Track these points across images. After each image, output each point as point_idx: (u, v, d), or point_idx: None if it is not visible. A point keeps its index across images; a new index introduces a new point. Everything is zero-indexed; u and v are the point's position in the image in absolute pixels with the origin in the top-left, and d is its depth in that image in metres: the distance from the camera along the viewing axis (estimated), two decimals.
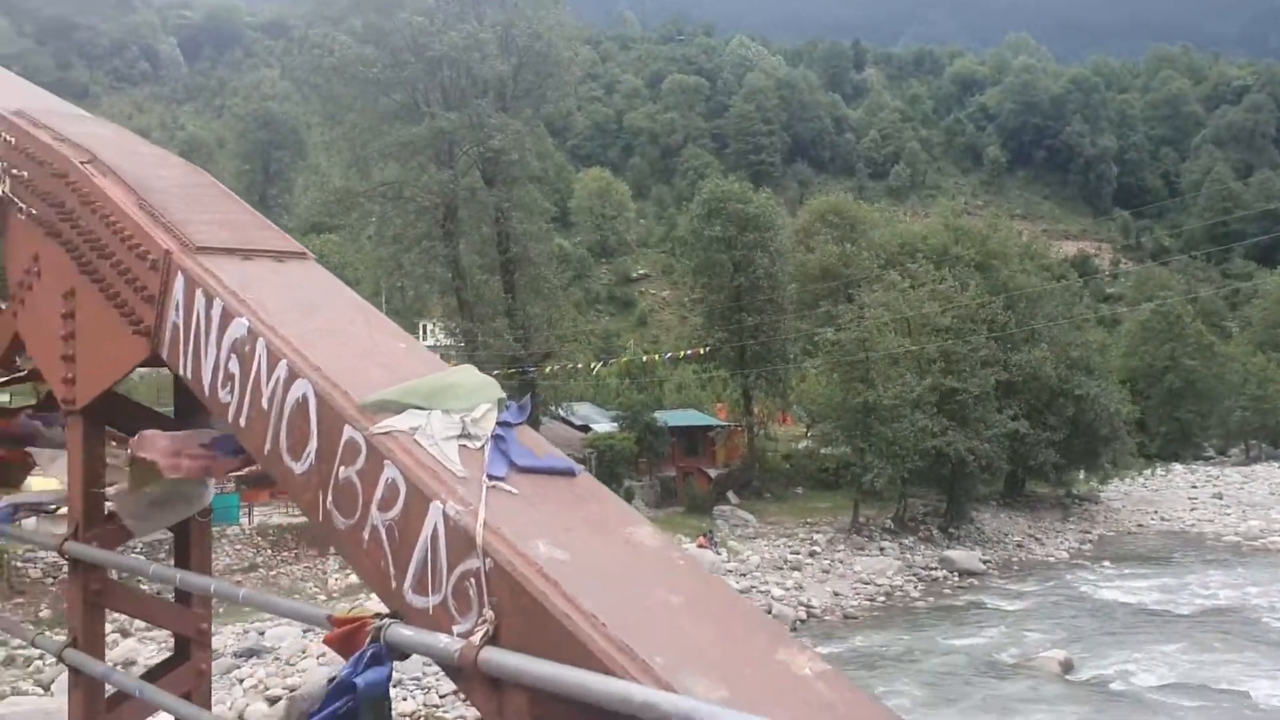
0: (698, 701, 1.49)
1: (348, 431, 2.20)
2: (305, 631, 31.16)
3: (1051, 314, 52.61)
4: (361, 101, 46.28)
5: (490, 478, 2.04)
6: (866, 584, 38.49)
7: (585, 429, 49.51)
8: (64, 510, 3.86)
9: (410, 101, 46.74)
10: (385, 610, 2.10)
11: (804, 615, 33.74)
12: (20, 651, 28.13)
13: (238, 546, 37.31)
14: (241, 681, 27.46)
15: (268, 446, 2.44)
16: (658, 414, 50.51)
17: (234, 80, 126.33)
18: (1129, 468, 62.43)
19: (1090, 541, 50.15)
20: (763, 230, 49.68)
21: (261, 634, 30.88)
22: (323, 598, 36.09)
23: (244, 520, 38.07)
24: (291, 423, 2.36)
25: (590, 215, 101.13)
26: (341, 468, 2.21)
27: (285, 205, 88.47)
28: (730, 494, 47.70)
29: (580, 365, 48.62)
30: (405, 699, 23.68)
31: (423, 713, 23.77)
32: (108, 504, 3.36)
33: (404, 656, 2.03)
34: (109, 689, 3.34)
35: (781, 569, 40.70)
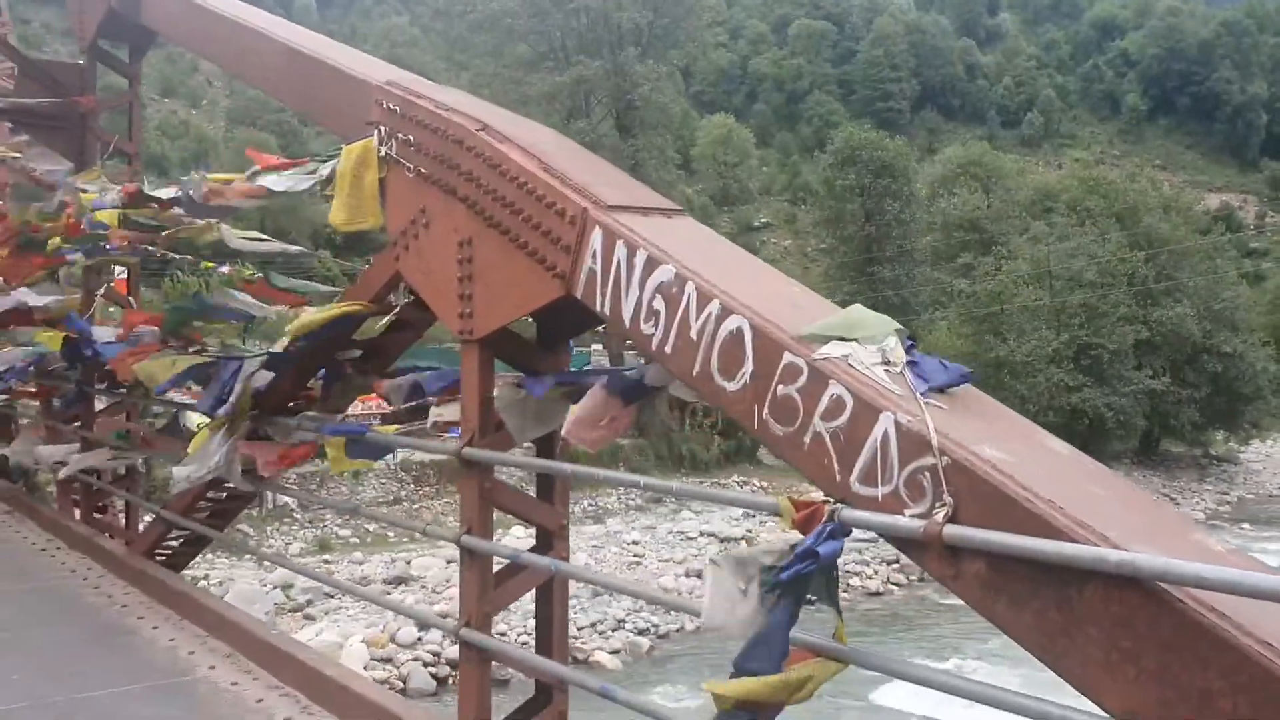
0: (1170, 559, 1.99)
1: (787, 357, 2.75)
2: (449, 563, 32.69)
3: (1195, 269, 51.01)
4: (493, 48, 47.07)
5: (923, 395, 2.56)
6: None
7: None
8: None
9: (547, 50, 47.40)
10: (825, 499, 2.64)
11: None
12: None
13: (383, 480, 38.87)
14: None
15: (696, 369, 3.00)
16: None
17: (364, 27, 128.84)
18: (1271, 429, 60.32)
19: (1229, 503, 48.90)
20: (896, 178, 49.23)
21: (408, 563, 32.42)
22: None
23: (389, 456, 39.75)
24: (724, 350, 2.92)
25: (712, 163, 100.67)
26: (780, 386, 2.76)
27: None
28: None
29: None
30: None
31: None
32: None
33: (848, 532, 2.58)
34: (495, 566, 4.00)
35: None
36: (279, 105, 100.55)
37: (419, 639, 26.64)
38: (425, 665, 24.72)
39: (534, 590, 4.18)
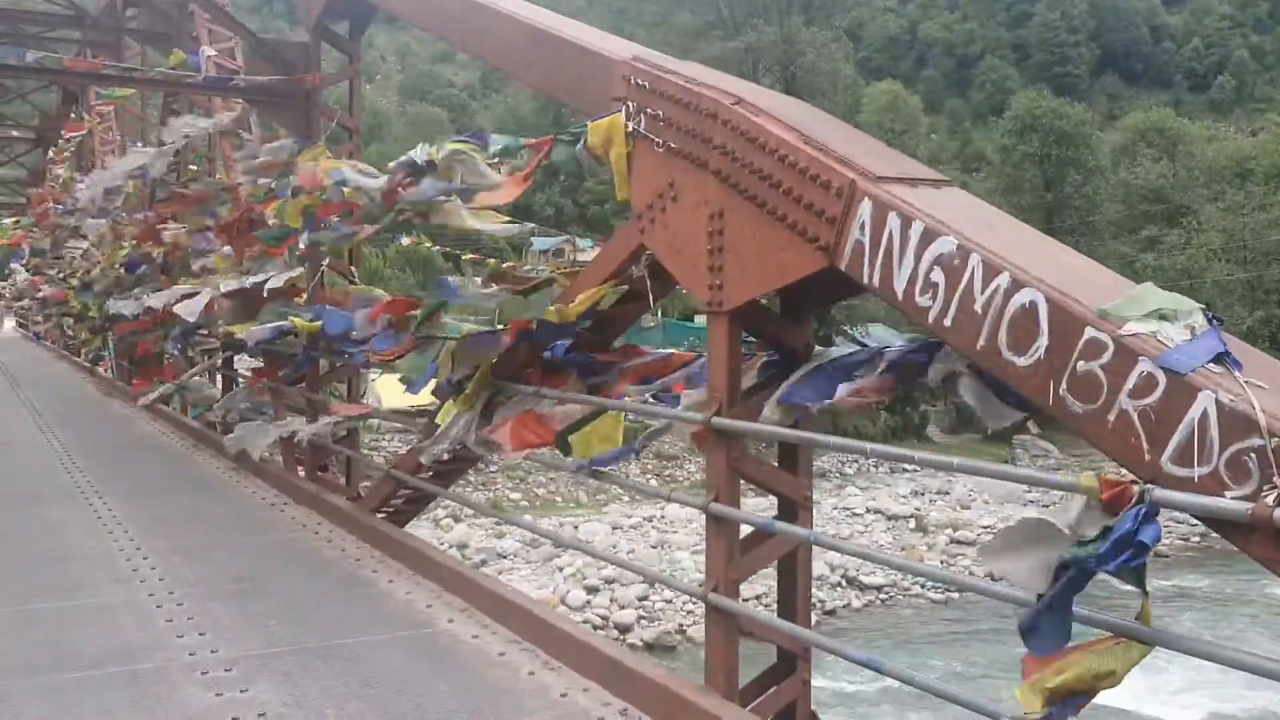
0: None
1: (1090, 332, 2.68)
2: (614, 529, 33.28)
3: None
4: (660, 17, 47.17)
5: (1240, 373, 2.47)
6: (1180, 522, 36.71)
7: None
8: None
9: (715, 19, 47.23)
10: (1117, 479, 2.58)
11: None
12: None
13: (550, 449, 39.47)
14: (562, 569, 29.69)
15: (981, 343, 2.97)
16: None
17: None
18: None
19: None
20: (1078, 147, 47.21)
21: (576, 528, 33.14)
22: (626, 499, 38.21)
23: None
24: (1015, 324, 2.87)
25: (879, 130, 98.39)
26: (1080, 362, 2.70)
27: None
28: (1031, 424, 46.37)
29: None
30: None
31: None
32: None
33: (1158, 513, 2.51)
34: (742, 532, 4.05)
35: None
36: (448, 81, 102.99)
37: (587, 602, 27.30)
38: (595, 628, 25.25)
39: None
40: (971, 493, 40.19)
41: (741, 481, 4.05)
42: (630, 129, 4.39)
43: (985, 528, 35.81)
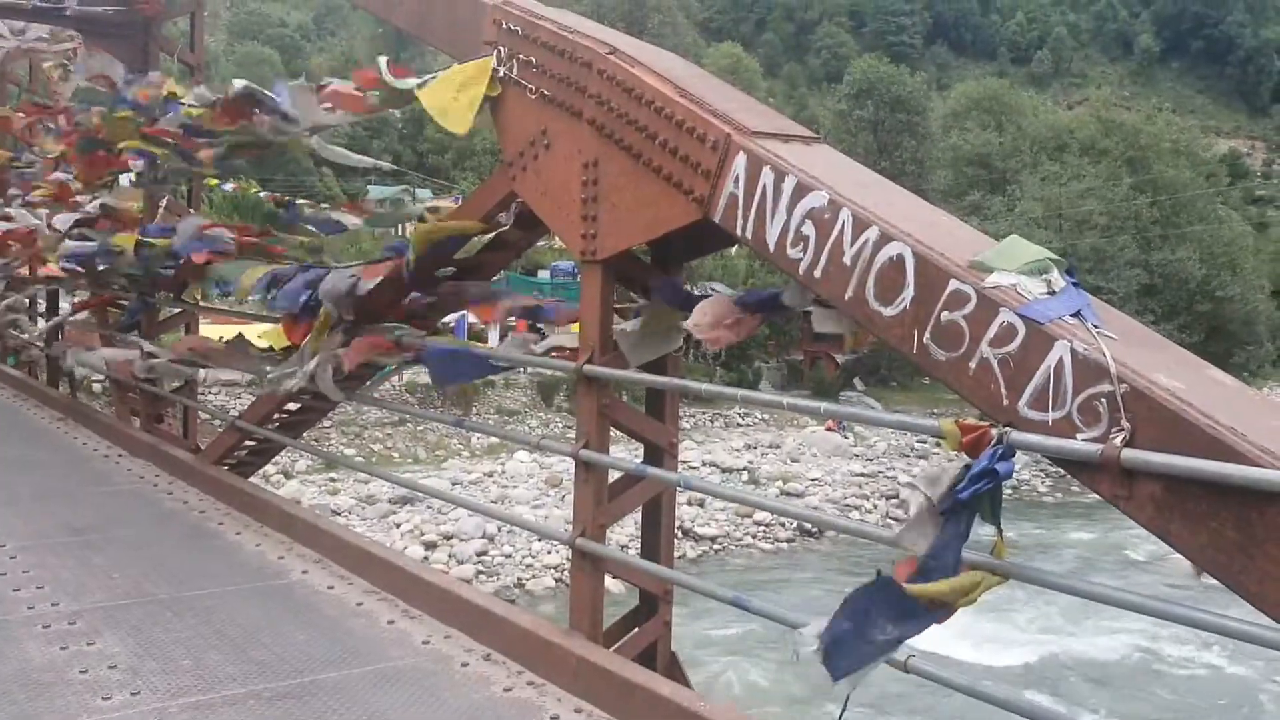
0: None
1: (954, 284, 2.83)
2: (453, 485, 33.01)
3: (1201, 213, 50.94)
4: None
5: (1094, 326, 2.66)
6: None
7: None
8: None
9: None
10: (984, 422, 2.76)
11: None
12: None
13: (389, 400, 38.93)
14: (399, 526, 29.39)
15: (849, 294, 3.10)
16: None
17: None
18: (1268, 377, 60.53)
19: None
20: (913, 113, 48.86)
21: None
22: (466, 454, 37.99)
23: (394, 378, 39.88)
24: (882, 276, 3.01)
25: None
26: (944, 312, 2.85)
27: None
28: (857, 380, 48.15)
29: None
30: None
31: None
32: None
33: (1013, 454, 2.69)
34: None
35: (908, 456, 41.38)
36: (279, 20, 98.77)
37: (425, 558, 27.09)
38: None
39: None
40: (800, 447, 41.52)
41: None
42: (502, 74, 4.35)
43: (813, 480, 37.13)
